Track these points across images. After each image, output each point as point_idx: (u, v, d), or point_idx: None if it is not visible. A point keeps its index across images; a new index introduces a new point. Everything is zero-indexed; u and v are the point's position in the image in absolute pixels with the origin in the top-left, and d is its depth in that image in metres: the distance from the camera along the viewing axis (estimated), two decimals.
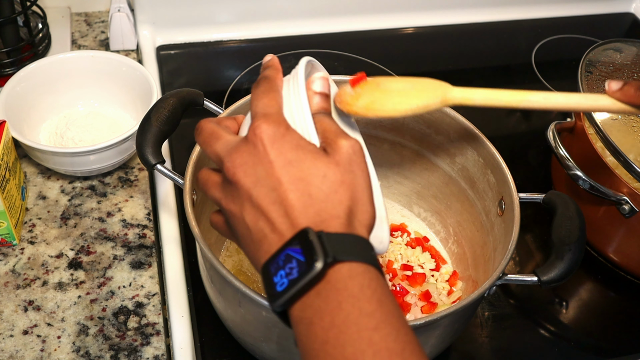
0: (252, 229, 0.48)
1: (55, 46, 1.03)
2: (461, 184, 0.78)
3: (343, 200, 0.47)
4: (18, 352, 0.69)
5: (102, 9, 1.13)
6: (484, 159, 0.73)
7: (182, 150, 0.89)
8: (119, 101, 0.93)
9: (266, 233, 0.47)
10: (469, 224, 0.78)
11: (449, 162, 0.79)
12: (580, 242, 0.64)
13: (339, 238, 0.46)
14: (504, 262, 0.63)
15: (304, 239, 0.45)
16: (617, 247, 0.82)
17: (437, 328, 0.62)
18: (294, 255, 0.45)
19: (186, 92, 0.67)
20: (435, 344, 0.66)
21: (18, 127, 0.82)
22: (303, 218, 0.46)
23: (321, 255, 0.44)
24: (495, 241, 0.72)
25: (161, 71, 1.03)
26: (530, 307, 0.81)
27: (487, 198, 0.74)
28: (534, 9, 1.24)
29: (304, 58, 0.54)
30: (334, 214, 0.47)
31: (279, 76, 0.54)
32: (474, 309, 0.62)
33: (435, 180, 0.81)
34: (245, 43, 1.11)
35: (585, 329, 0.80)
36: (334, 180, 0.48)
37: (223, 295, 0.64)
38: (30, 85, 0.88)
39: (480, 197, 0.76)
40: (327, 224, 0.46)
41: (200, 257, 0.68)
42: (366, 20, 1.16)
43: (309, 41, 1.11)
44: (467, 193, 0.78)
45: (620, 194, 0.76)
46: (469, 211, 0.78)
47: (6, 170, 0.75)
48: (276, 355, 0.64)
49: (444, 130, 0.77)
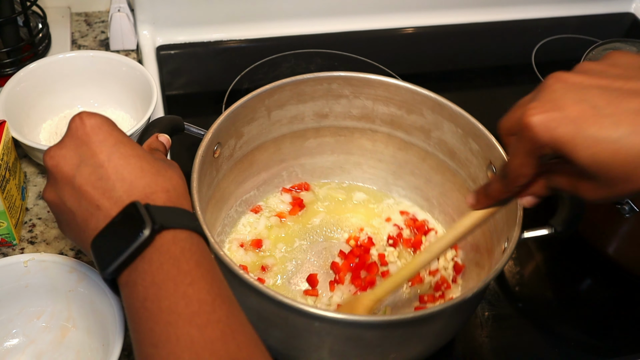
0: (74, 211, 0.52)
1: (55, 46, 1.03)
2: (439, 156, 0.80)
3: (173, 177, 0.52)
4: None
5: (102, 8, 1.13)
6: (463, 129, 0.75)
7: (183, 151, 0.89)
8: (119, 101, 0.93)
9: (91, 212, 0.51)
10: (453, 192, 0.81)
11: (424, 138, 0.80)
12: None
13: (165, 209, 0.50)
14: (518, 221, 0.64)
15: (134, 211, 0.49)
16: (617, 247, 0.82)
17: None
18: (122, 225, 0.49)
19: (167, 120, 0.68)
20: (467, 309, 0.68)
21: (18, 127, 0.82)
22: (134, 191, 0.50)
23: (149, 224, 0.47)
24: None
25: (161, 71, 1.03)
26: (530, 307, 0.81)
27: (471, 166, 0.76)
28: (534, 9, 1.24)
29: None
30: (164, 187, 0.51)
31: None
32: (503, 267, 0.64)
33: (411, 158, 0.83)
34: (245, 43, 1.11)
35: (585, 328, 0.80)
36: (162, 163, 0.53)
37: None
38: (30, 85, 0.88)
39: (463, 166, 0.78)
40: (157, 195, 0.50)
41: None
42: (366, 20, 1.16)
43: (309, 41, 1.11)
44: (447, 164, 0.80)
45: None
46: (451, 181, 0.80)
47: (6, 170, 0.75)
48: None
49: (416, 109, 0.78)
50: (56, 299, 0.68)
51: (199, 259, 0.49)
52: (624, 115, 0.45)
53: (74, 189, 0.51)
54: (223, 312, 0.46)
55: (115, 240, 0.49)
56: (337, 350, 0.62)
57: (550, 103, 0.47)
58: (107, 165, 0.51)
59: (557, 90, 0.48)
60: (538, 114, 0.47)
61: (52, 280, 0.67)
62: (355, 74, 0.78)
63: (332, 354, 0.63)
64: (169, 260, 0.47)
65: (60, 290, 0.68)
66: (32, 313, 0.68)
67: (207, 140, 0.69)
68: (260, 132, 0.78)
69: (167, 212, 0.50)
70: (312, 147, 0.84)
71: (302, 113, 0.80)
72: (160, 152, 0.61)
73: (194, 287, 0.47)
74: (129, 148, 0.52)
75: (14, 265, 0.66)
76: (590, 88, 0.47)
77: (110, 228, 0.50)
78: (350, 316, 0.59)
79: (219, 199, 0.76)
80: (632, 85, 0.46)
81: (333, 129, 0.83)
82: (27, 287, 0.67)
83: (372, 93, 0.79)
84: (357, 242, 0.80)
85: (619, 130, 0.45)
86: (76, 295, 0.67)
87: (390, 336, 0.61)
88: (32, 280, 0.67)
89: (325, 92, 0.79)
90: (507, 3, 1.22)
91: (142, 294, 0.47)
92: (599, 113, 0.45)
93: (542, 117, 0.47)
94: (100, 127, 0.52)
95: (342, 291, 0.75)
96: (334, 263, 0.77)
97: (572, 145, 0.46)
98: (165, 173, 0.52)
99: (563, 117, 0.46)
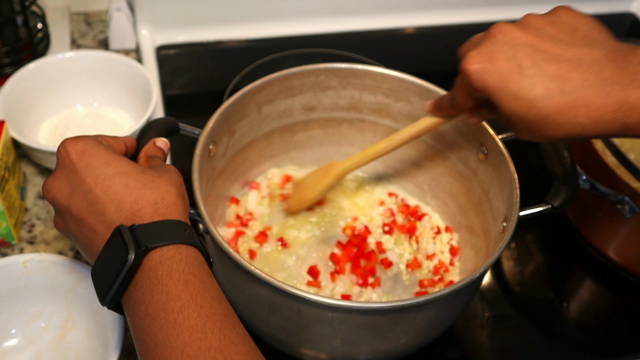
0: (79, 238, 0.53)
1: (55, 46, 1.03)
2: (428, 141, 0.81)
3: (161, 186, 0.52)
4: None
5: (101, 8, 1.13)
6: None
7: (183, 151, 0.89)
8: (119, 101, 0.93)
9: (91, 238, 0.52)
10: (444, 176, 0.82)
11: (412, 124, 0.80)
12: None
13: (152, 226, 0.49)
14: (516, 199, 0.66)
15: (119, 236, 0.49)
16: (617, 247, 0.82)
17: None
18: (110, 251, 0.49)
19: (162, 122, 0.68)
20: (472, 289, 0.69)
21: (17, 127, 0.82)
22: (122, 210, 0.50)
23: (132, 247, 0.47)
24: (484, 185, 0.75)
25: (161, 71, 1.03)
26: (530, 307, 0.81)
27: (461, 149, 0.78)
28: (534, 9, 1.23)
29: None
30: (151, 200, 0.51)
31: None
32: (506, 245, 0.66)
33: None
34: (245, 43, 1.11)
35: (585, 329, 0.80)
36: (151, 172, 0.54)
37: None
38: (29, 85, 0.88)
39: (453, 149, 0.79)
40: (144, 211, 0.50)
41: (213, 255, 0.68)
42: (366, 20, 1.16)
43: (309, 41, 1.11)
44: (436, 149, 0.81)
45: (620, 194, 0.76)
46: (441, 165, 0.81)
47: (5, 170, 0.75)
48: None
49: (403, 96, 0.79)
50: (55, 299, 0.68)
51: (187, 277, 0.48)
52: (542, 78, 0.51)
53: (73, 217, 0.53)
54: (215, 336, 0.46)
55: (107, 268, 0.49)
56: (349, 338, 0.63)
57: (487, 55, 0.53)
58: (95, 189, 0.51)
59: (496, 42, 0.53)
60: (475, 63, 0.53)
61: (52, 281, 0.67)
62: (342, 64, 0.79)
63: (344, 342, 0.63)
64: (157, 287, 0.47)
65: (59, 290, 0.67)
66: (31, 313, 0.68)
67: (202, 140, 0.69)
68: (251, 128, 0.79)
69: (154, 229, 0.49)
70: (302, 140, 0.85)
71: (291, 107, 0.81)
72: (158, 159, 0.61)
73: (183, 314, 0.46)
74: (113, 167, 0.53)
75: (13, 265, 0.66)
76: (522, 46, 0.53)
77: (102, 255, 0.50)
78: (363, 304, 0.60)
79: (215, 197, 0.77)
80: (557, 49, 0.52)
81: (321, 121, 0.84)
82: (27, 288, 0.67)
83: (359, 83, 0.80)
84: (353, 232, 0.80)
85: (534, 92, 0.51)
86: (76, 296, 0.67)
87: (401, 321, 0.62)
88: (31, 281, 0.67)
89: (313, 84, 0.79)
90: (508, 3, 1.22)
91: (139, 326, 0.48)
92: (522, 73, 0.51)
93: (477, 67, 0.53)
94: (84, 152, 0.53)
95: (344, 281, 0.75)
96: (333, 254, 0.77)
97: (497, 96, 0.53)
98: (152, 184, 0.52)
99: (493, 71, 0.52)
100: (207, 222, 0.61)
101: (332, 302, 0.58)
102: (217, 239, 0.60)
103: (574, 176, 0.69)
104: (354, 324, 0.61)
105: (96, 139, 0.55)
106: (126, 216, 0.50)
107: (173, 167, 0.57)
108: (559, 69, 0.51)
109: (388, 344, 0.64)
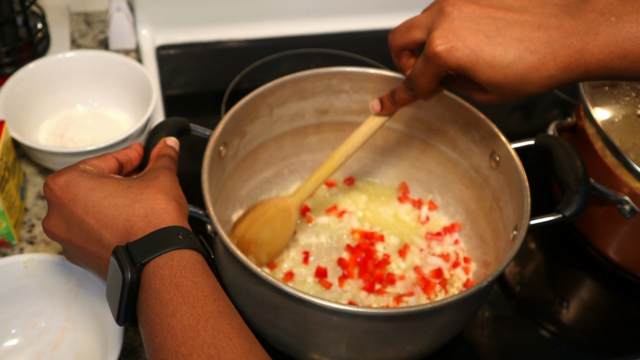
0: (91, 266, 0.55)
1: (55, 46, 1.03)
2: (440, 147, 0.81)
3: (149, 197, 0.53)
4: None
5: (101, 8, 1.13)
6: (464, 118, 0.76)
7: (183, 151, 0.89)
8: (119, 101, 0.93)
9: (98, 264, 0.54)
10: (455, 183, 0.81)
11: (424, 130, 0.81)
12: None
13: (145, 240, 0.50)
14: (527, 208, 0.65)
15: (116, 257, 0.50)
16: (617, 247, 0.82)
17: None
18: (113, 274, 0.50)
19: (173, 123, 0.67)
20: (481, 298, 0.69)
21: (17, 127, 0.82)
22: (117, 231, 0.52)
23: (127, 267, 0.49)
24: (495, 192, 0.75)
25: (161, 71, 1.03)
26: (530, 307, 0.81)
27: (473, 155, 0.77)
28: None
29: None
30: (142, 214, 0.52)
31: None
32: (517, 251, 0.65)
33: (412, 151, 0.84)
34: (245, 43, 1.11)
35: (585, 329, 0.80)
36: (138, 185, 0.54)
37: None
38: (29, 85, 0.88)
39: (465, 156, 0.79)
40: (137, 227, 0.51)
41: (221, 256, 0.68)
42: (366, 20, 1.16)
43: (309, 41, 1.11)
44: (448, 155, 0.81)
45: (620, 194, 0.76)
46: (453, 172, 0.81)
47: (5, 170, 0.75)
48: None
49: (415, 102, 0.78)
50: (55, 300, 0.68)
51: (179, 280, 0.49)
52: (511, 43, 0.54)
53: (77, 249, 0.55)
54: (208, 332, 0.46)
55: (113, 290, 0.51)
56: (354, 344, 0.63)
57: (452, 33, 0.55)
58: (87, 219, 0.53)
59: (454, 20, 0.55)
60: (443, 44, 0.55)
61: (52, 281, 0.67)
62: (355, 68, 0.79)
63: (349, 348, 0.63)
64: (152, 295, 0.49)
65: (59, 290, 0.67)
66: (31, 314, 0.68)
67: (213, 141, 0.69)
68: (262, 130, 0.79)
69: (147, 242, 0.50)
70: (313, 143, 0.84)
71: (302, 110, 0.80)
72: (170, 158, 0.62)
73: (176, 317, 0.47)
74: (99, 192, 0.54)
75: (13, 265, 0.66)
76: (481, 17, 0.55)
77: (109, 278, 0.52)
78: (369, 310, 0.59)
79: (224, 199, 0.77)
80: (512, 15, 0.55)
81: (333, 124, 0.83)
82: (27, 288, 0.67)
83: (371, 87, 0.79)
84: (361, 236, 0.80)
85: (508, 57, 0.54)
86: (75, 296, 0.67)
87: (407, 327, 0.62)
88: (31, 281, 0.67)
89: (325, 87, 0.79)
90: None
91: (143, 336, 0.49)
92: (491, 42, 0.54)
93: (447, 47, 0.55)
94: (68, 185, 0.54)
95: (352, 286, 0.75)
96: (340, 259, 0.77)
97: (472, 69, 0.55)
98: (140, 197, 0.53)
99: (464, 47, 0.55)
100: (215, 223, 0.61)
101: (338, 307, 0.58)
102: (224, 241, 0.60)
103: (587, 186, 0.68)
104: (359, 330, 0.61)
105: (77, 167, 0.56)
106: (121, 236, 0.52)
107: (164, 171, 0.58)
108: (522, 32, 0.54)
109: (394, 350, 0.64)
